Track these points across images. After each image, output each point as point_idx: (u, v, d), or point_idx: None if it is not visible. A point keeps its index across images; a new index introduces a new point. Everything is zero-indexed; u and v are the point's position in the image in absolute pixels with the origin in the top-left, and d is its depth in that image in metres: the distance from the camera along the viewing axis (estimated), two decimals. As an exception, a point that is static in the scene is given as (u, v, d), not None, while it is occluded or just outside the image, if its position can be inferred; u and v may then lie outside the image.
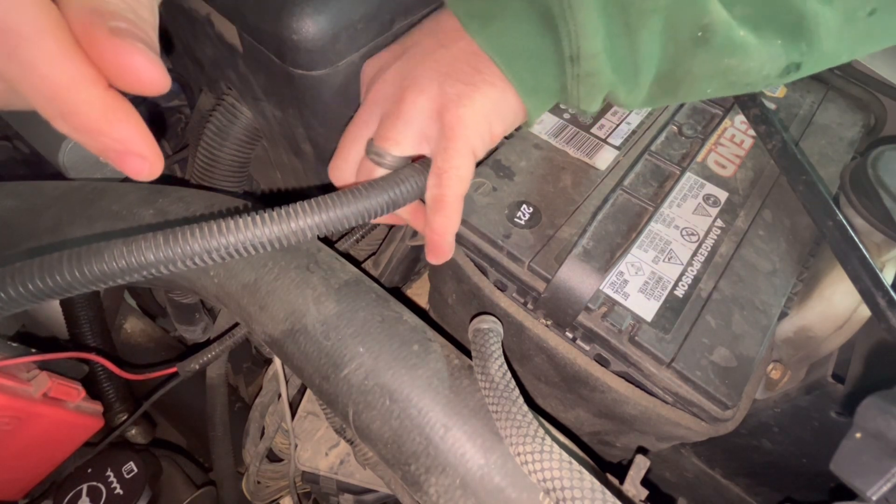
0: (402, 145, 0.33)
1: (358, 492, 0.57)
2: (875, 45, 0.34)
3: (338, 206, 0.30)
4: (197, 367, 0.48)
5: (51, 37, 0.20)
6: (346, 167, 0.37)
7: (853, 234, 0.34)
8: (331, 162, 0.37)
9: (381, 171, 0.34)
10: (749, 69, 0.33)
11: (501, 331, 0.35)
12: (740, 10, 0.31)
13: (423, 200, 0.36)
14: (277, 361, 0.53)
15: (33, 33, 0.19)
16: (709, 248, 0.38)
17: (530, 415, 0.29)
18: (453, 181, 0.32)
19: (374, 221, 0.41)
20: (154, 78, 0.21)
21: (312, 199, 0.30)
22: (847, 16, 0.32)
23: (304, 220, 0.29)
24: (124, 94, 0.22)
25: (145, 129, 0.22)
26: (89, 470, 0.54)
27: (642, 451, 0.41)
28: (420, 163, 0.34)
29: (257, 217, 0.28)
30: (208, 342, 0.49)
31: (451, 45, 0.33)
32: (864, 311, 0.36)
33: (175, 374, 0.49)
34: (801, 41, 0.32)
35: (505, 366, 0.32)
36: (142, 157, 0.22)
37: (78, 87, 0.20)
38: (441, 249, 0.35)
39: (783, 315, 0.38)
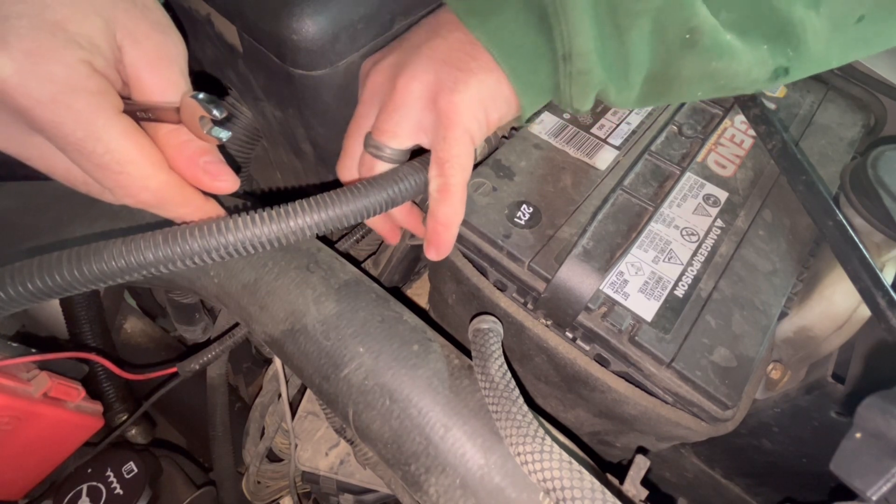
0: (400, 136, 0.33)
1: (358, 492, 0.57)
2: (867, 50, 0.35)
3: (336, 205, 0.30)
4: (197, 367, 0.48)
5: (162, 172, 0.30)
6: (353, 164, 0.37)
7: (853, 234, 0.34)
8: (338, 160, 0.38)
9: (381, 165, 0.34)
10: (736, 72, 0.33)
11: (501, 331, 0.35)
12: (726, 16, 0.32)
13: (415, 202, 0.36)
14: (277, 361, 0.53)
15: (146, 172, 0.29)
16: (709, 248, 0.38)
17: (530, 415, 0.29)
18: (455, 170, 0.32)
19: (370, 223, 0.41)
20: (232, 188, 0.32)
21: (311, 198, 0.30)
22: (835, 22, 0.33)
23: (302, 219, 0.29)
24: None
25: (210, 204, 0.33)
26: (89, 470, 0.54)
27: (642, 451, 0.41)
28: (418, 160, 0.34)
29: (255, 216, 0.28)
30: (208, 342, 0.49)
31: (447, 35, 0.33)
32: (864, 311, 0.36)
33: (175, 374, 0.49)
34: (787, 46, 0.33)
35: (505, 366, 0.32)
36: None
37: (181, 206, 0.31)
38: (444, 242, 0.35)
39: (783, 315, 0.38)
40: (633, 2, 0.31)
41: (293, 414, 0.58)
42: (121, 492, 0.53)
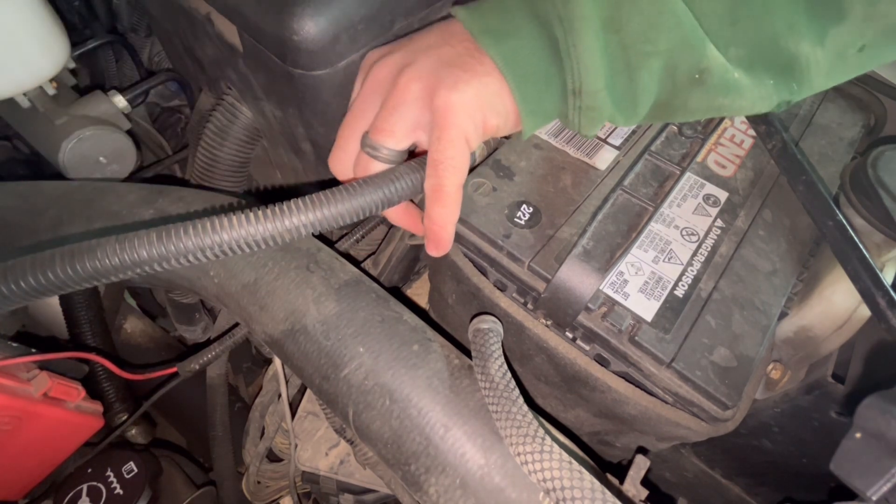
0: (397, 136, 0.33)
1: (358, 492, 0.57)
2: (861, 72, 0.35)
3: (332, 204, 0.29)
4: (197, 367, 0.48)
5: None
6: (346, 158, 0.36)
7: (853, 234, 0.34)
8: (331, 153, 0.37)
9: (377, 165, 0.34)
10: (741, 107, 0.34)
11: (501, 331, 0.35)
12: (735, 52, 0.32)
13: (413, 201, 0.36)
14: (277, 361, 0.53)
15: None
16: (709, 248, 0.38)
17: (530, 415, 0.29)
18: (449, 171, 0.32)
19: (393, 219, 0.41)
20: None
21: (307, 197, 0.29)
22: (838, 54, 0.33)
23: (297, 218, 0.29)
24: None
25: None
26: (89, 470, 0.54)
27: (642, 451, 0.41)
28: (416, 160, 0.34)
29: (251, 214, 0.28)
30: (208, 342, 0.49)
31: (457, 45, 0.33)
32: (864, 311, 0.36)
33: (175, 374, 0.49)
34: (793, 81, 0.33)
35: (505, 366, 0.32)
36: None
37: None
38: (441, 241, 0.35)
39: (783, 315, 0.38)
40: (644, 42, 0.31)
41: (293, 414, 0.58)
42: (121, 492, 0.53)
